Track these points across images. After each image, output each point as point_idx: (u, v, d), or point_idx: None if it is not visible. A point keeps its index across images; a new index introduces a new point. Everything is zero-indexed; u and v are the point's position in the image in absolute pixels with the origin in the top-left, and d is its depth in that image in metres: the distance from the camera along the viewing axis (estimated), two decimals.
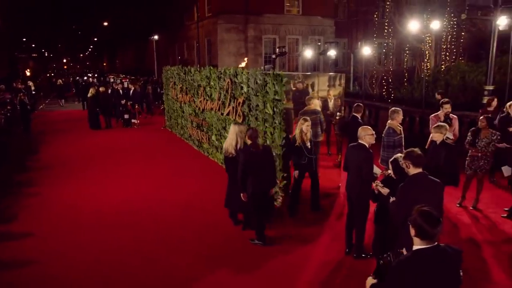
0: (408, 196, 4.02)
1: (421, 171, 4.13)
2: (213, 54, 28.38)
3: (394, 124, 7.20)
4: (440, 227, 2.73)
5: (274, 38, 27.94)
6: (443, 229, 6.17)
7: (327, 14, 28.88)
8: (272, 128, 7.67)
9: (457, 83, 13.02)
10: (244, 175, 5.99)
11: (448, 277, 2.75)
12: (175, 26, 35.96)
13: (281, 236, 6.49)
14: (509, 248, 6.04)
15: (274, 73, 7.52)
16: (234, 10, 26.80)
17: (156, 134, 15.98)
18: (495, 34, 11.00)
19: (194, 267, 5.62)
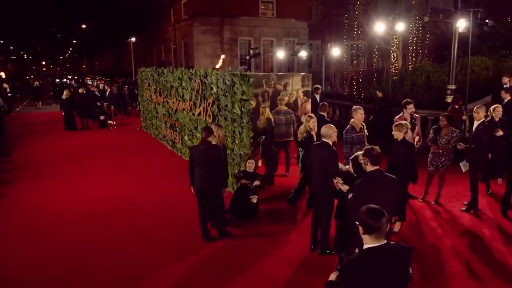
0: (364, 193, 4.17)
1: (377, 168, 4.28)
2: (190, 56, 28.61)
3: (355, 121, 7.38)
4: (384, 220, 2.73)
5: (249, 40, 28.35)
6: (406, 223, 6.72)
7: (300, 17, 29.44)
8: (240, 127, 8.01)
9: (422, 82, 13.62)
10: (191, 170, 6.28)
11: (397, 275, 2.76)
12: (152, 28, 36.01)
13: (249, 233, 6.70)
14: (467, 240, 6.37)
15: (241, 74, 7.86)
16: (210, 12, 27.10)
17: (132, 135, 16.15)
18: (456, 36, 11.59)
19: (158, 264, 5.76)
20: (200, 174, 6.20)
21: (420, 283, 5.21)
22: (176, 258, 5.90)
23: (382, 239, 2.74)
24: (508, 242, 6.30)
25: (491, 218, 7.20)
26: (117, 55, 53.66)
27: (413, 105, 8.09)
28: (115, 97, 19.76)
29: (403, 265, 2.79)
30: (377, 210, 2.77)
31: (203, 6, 26.89)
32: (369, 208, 2.80)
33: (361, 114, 7.42)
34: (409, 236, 6.57)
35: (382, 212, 2.76)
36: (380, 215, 2.74)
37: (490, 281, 5.21)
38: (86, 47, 67.51)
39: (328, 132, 5.61)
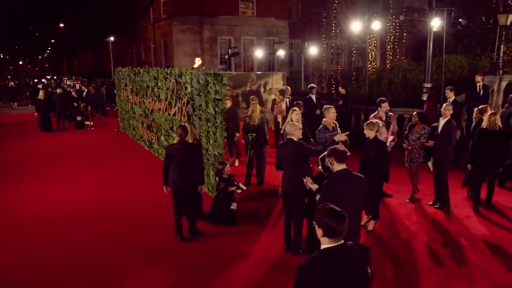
0: (331, 193, 4.11)
1: (345, 168, 4.22)
2: (169, 55, 28.37)
3: (327, 121, 7.30)
4: (347, 223, 2.67)
5: (229, 39, 28.25)
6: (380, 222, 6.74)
7: (280, 16, 29.46)
8: (214, 127, 7.93)
9: (399, 81, 13.76)
10: (166, 169, 6.27)
11: (355, 275, 2.72)
12: (132, 27, 35.61)
13: (224, 234, 6.66)
14: (441, 238, 6.41)
15: (214, 73, 7.77)
16: (189, 11, 26.90)
17: (109, 136, 15.91)
18: (431, 35, 11.73)
19: (133, 266, 5.71)
20: (177, 173, 6.20)
21: (394, 282, 5.23)
22: (151, 260, 5.83)
23: (340, 239, 2.68)
24: (480, 239, 6.37)
25: (465, 215, 7.27)
26: (97, 55, 52.95)
27: (388, 103, 8.08)
28: (92, 97, 19.44)
29: (361, 265, 2.75)
30: (340, 213, 2.67)
31: (182, 5, 26.67)
32: (332, 210, 2.70)
33: (333, 113, 7.32)
34: (383, 234, 6.59)
35: (345, 215, 2.68)
36: (344, 219, 2.66)
37: (463, 278, 5.25)
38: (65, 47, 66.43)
39: (291, 130, 5.71)
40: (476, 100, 11.96)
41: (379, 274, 5.38)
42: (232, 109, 10.19)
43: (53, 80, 39.06)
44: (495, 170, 7.46)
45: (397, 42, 18.41)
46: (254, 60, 27.65)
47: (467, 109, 12.32)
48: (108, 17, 35.36)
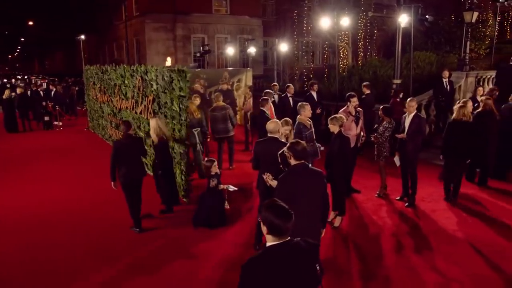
0: (286, 187, 4.05)
1: (301, 162, 4.12)
2: (142, 54, 27.96)
3: (303, 119, 7.13)
4: (292, 221, 2.57)
5: (203, 37, 28.00)
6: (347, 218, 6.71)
7: (254, 14, 29.38)
8: (179, 125, 7.77)
9: (369, 77, 13.85)
10: (113, 164, 6.38)
11: (302, 272, 2.62)
12: (104, 26, 34.95)
13: (191, 233, 6.54)
14: (408, 233, 6.41)
15: (178, 69, 7.61)
16: (162, 9, 26.53)
17: (78, 136, 15.51)
18: (400, 31, 11.77)
19: (91, 262, 5.62)
20: (125, 167, 6.37)
21: (360, 277, 5.19)
22: (112, 259, 5.72)
23: (285, 236, 2.59)
24: (447, 232, 6.41)
25: (431, 209, 7.31)
26: (69, 54, 51.86)
27: (357, 98, 8.07)
28: (60, 96, 18.94)
29: (308, 262, 2.66)
30: (285, 211, 2.57)
31: (155, 2, 26.30)
32: (277, 207, 2.59)
33: (309, 110, 7.16)
34: (350, 230, 6.56)
35: (290, 213, 2.58)
36: (289, 216, 2.56)
37: (430, 271, 5.24)
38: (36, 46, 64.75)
39: (276, 128, 5.51)
40: (444, 95, 12.16)
41: (345, 270, 5.37)
42: (200, 107, 10.02)
43: (20, 80, 37.91)
44: (464, 162, 7.53)
45: (368, 39, 18.57)
46: (228, 58, 27.51)
47: (436, 104, 12.50)
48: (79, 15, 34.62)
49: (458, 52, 17.55)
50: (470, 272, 5.20)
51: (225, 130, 9.59)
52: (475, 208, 7.33)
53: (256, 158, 5.62)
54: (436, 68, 14.52)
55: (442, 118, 12.41)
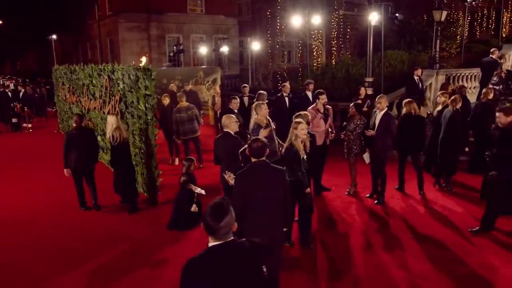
0: (242, 185, 3.97)
1: (260, 160, 4.01)
2: (116, 54, 27.48)
3: (259, 118, 6.91)
4: (227, 220, 2.47)
5: (178, 37, 27.69)
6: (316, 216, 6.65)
7: (230, 13, 29.22)
8: (146, 124, 7.60)
9: (342, 76, 13.89)
10: (66, 153, 7.15)
11: (246, 274, 2.53)
12: (77, 25, 34.23)
13: (157, 236, 6.41)
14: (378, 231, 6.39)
15: (144, 68, 7.45)
16: (136, 8, 26.13)
17: (47, 138, 15.12)
18: (371, 30, 11.81)
19: (56, 266, 5.48)
20: (75, 155, 7.14)
21: (328, 276, 5.13)
22: (75, 262, 5.60)
23: (227, 237, 2.49)
24: (416, 229, 6.41)
25: (400, 206, 7.32)
26: (42, 54, 50.52)
27: (326, 95, 8.02)
28: (29, 98, 18.43)
29: (253, 263, 2.55)
30: (217, 211, 2.48)
31: (128, 2, 25.88)
32: (211, 207, 2.52)
33: (265, 109, 6.99)
34: (319, 228, 6.50)
35: (222, 213, 2.47)
36: (219, 216, 2.46)
37: (399, 269, 5.22)
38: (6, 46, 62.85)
39: (225, 122, 5.63)
40: (416, 92, 12.26)
41: (313, 269, 5.31)
42: (170, 107, 9.87)
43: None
44: (417, 154, 7.68)
45: (341, 38, 18.68)
46: (204, 58, 27.31)
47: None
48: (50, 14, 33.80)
49: (430, 51, 17.76)
50: (437, 268, 5.20)
51: (192, 130, 9.50)
52: (445, 205, 7.37)
53: (216, 154, 5.72)
54: (407, 66, 14.67)
55: None
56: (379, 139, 7.27)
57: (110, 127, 7.19)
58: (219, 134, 11.21)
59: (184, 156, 9.18)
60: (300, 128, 5.48)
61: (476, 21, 26.83)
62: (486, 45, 20.75)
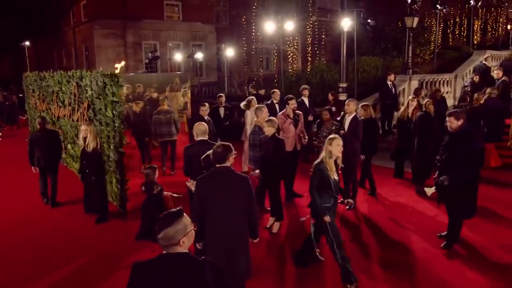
0: (201, 191, 3.90)
1: (223, 166, 3.93)
2: (91, 61, 27.05)
3: (260, 122, 6.88)
4: (169, 233, 2.40)
5: (155, 43, 27.42)
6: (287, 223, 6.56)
7: (207, 20, 29.11)
8: (114, 131, 7.43)
9: (316, 81, 13.95)
10: (31, 152, 7.86)
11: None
12: (52, 31, 33.61)
13: (125, 242, 6.31)
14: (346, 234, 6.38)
15: (111, 74, 7.30)
16: (111, 15, 25.78)
17: (17, 147, 14.69)
18: (344, 36, 11.89)
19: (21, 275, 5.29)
20: (40, 154, 7.76)
21: (296, 285, 5.05)
22: (44, 272, 5.45)
23: (169, 249, 2.42)
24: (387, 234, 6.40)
25: (371, 211, 7.31)
26: (16, 61, 49.47)
27: (295, 100, 8.01)
28: (0, 106, 17.96)
29: (193, 279, 2.43)
30: (161, 221, 2.43)
31: (104, 8, 25.50)
32: (163, 216, 2.48)
33: (266, 112, 6.97)
34: (289, 236, 6.43)
35: (162, 224, 2.41)
36: (159, 227, 2.41)
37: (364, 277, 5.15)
38: None
39: (200, 130, 5.45)
40: (390, 98, 12.40)
41: (282, 276, 5.25)
42: (142, 113, 9.73)
43: None
44: (369, 156, 7.86)
45: (316, 44, 18.79)
46: (181, 65, 27.12)
47: (381, 106, 12.71)
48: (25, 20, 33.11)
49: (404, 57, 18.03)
50: (401, 274, 5.17)
51: (169, 133, 9.53)
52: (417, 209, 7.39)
53: (188, 163, 5.39)
54: (381, 72, 14.84)
55: (388, 120, 12.65)
56: (348, 143, 7.24)
57: (89, 135, 6.99)
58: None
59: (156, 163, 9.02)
60: (336, 144, 4.84)
61: (449, 29, 27.44)
62: (458, 52, 21.26)
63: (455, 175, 5.39)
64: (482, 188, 6.20)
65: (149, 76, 19.41)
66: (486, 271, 5.13)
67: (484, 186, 7.23)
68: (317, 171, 4.86)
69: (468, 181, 5.53)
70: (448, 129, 5.63)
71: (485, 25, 29.66)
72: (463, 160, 5.37)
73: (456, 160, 5.41)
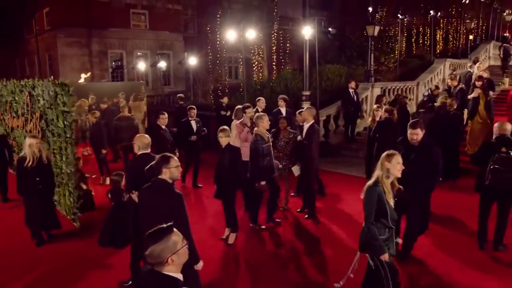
0: (140, 201, 3.88)
1: (159, 178, 3.82)
2: (55, 70, 26.35)
3: (261, 130, 6.66)
4: (155, 251, 2.38)
5: (121, 52, 26.99)
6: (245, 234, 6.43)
7: (175, 29, 28.90)
8: (65, 142, 7.16)
9: (280, 89, 13.99)
10: None
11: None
12: (14, 39, 32.62)
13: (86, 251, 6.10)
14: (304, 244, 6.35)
15: (61, 83, 7.05)
16: (76, 23, 25.24)
17: None
18: (307, 44, 11.93)
19: None
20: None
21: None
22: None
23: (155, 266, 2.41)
24: (345, 244, 6.35)
25: (331, 220, 7.27)
26: None
27: (252, 108, 7.91)
28: None
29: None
30: (148, 238, 2.40)
31: (68, 16, 24.94)
32: (150, 231, 2.44)
33: (267, 121, 6.75)
34: (245, 247, 6.29)
35: (152, 241, 2.37)
36: (147, 244, 2.37)
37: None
38: None
39: (143, 142, 5.20)
40: (352, 105, 12.51)
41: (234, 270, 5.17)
42: (98, 123, 9.46)
43: None
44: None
45: (281, 53, 18.93)
46: (149, 74, 26.81)
47: (345, 114, 12.81)
48: None
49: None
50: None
51: (129, 138, 9.33)
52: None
53: (132, 177, 5.12)
54: (345, 80, 15.01)
55: (351, 127, 12.76)
56: (306, 151, 7.24)
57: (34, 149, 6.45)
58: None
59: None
60: (396, 162, 4.04)
61: (413, 38, 28.16)
62: (422, 60, 21.80)
63: (420, 187, 5.26)
64: (439, 195, 6.27)
65: (112, 85, 19.04)
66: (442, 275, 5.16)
67: (442, 192, 7.34)
68: (375, 195, 3.98)
69: (429, 192, 5.53)
70: (410, 141, 5.33)
71: (447, 35, 30.63)
72: (426, 172, 5.26)
73: (419, 173, 5.19)
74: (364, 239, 4.09)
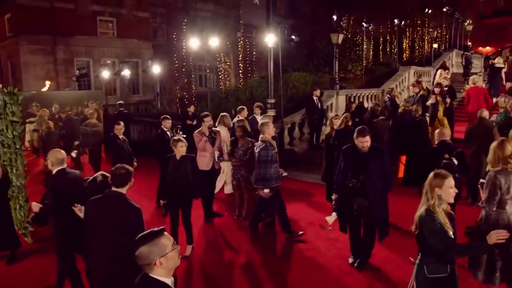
0: (88, 215, 3.72)
1: (118, 190, 3.66)
2: (17, 78, 25.62)
3: (267, 137, 6.49)
4: (143, 253, 2.38)
5: (88, 60, 26.50)
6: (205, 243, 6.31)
7: (144, 37, 28.62)
8: (15, 154, 6.89)
9: (246, 97, 13.95)
10: None
11: None
12: None
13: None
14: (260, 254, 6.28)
15: (9, 92, 6.79)
16: (40, 30, 24.63)
17: None
18: (271, 52, 11.92)
19: None
20: None
21: None
22: None
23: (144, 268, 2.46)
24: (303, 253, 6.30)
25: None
26: None
27: (211, 117, 7.78)
28: None
29: None
30: (140, 237, 2.46)
31: (31, 23, 24.29)
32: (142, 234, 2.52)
33: (272, 128, 6.65)
34: (202, 259, 6.17)
35: (141, 243, 2.41)
36: (135, 246, 2.41)
37: None
38: None
39: (57, 158, 4.86)
40: (316, 113, 12.57)
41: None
42: (53, 132, 9.18)
43: None
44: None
45: (248, 60, 18.93)
46: (117, 82, 26.36)
47: (309, 121, 12.86)
48: None
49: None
50: None
51: (94, 144, 9.95)
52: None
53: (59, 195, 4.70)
54: (310, 87, 15.08)
55: (316, 135, 12.81)
56: None
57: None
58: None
59: None
60: (448, 186, 3.38)
61: (380, 46, 28.73)
62: (388, 68, 22.21)
63: (377, 192, 5.20)
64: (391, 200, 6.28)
65: (67, 94, 18.74)
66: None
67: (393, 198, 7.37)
68: (437, 227, 3.30)
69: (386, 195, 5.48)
70: (361, 149, 5.19)
71: (413, 43, 31.39)
72: (378, 178, 5.21)
73: (375, 178, 5.15)
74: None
